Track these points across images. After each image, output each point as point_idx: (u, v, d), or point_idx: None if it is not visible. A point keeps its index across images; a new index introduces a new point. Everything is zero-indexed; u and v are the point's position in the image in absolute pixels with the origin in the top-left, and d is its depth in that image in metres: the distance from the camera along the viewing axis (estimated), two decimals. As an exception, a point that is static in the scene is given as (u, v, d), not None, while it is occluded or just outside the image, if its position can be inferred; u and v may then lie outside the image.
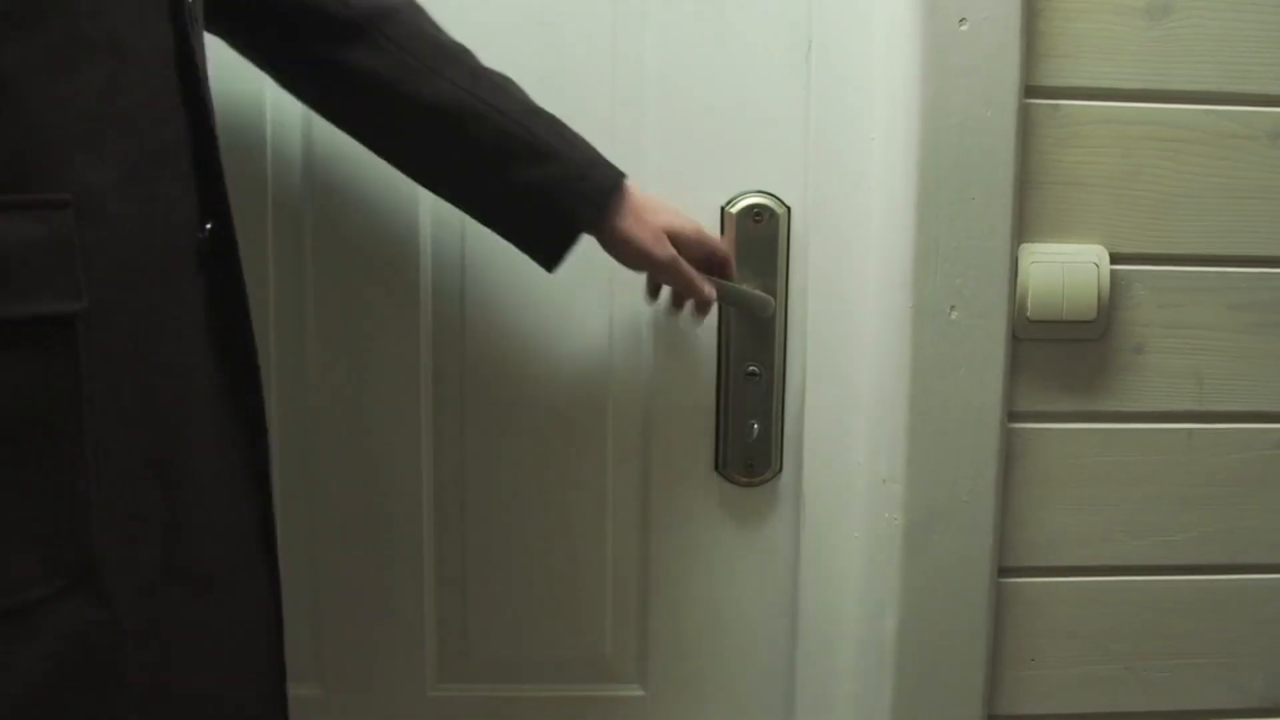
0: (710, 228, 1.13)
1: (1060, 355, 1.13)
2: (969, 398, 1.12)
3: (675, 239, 1.02)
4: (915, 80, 1.08)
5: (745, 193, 1.15)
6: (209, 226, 0.82)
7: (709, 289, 1.05)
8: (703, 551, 1.21)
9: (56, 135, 0.71)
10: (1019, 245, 1.11)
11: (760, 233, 1.14)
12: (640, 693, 1.24)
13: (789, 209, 1.15)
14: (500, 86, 0.98)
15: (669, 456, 1.19)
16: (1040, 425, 1.14)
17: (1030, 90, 1.09)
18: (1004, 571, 1.16)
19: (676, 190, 1.13)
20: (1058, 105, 1.10)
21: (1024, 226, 1.11)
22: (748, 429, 1.15)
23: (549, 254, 1.00)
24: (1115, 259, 1.12)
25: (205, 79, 0.82)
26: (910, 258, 1.10)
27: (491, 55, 1.00)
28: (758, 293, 1.13)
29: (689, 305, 1.10)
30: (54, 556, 0.71)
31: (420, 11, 0.99)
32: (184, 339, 0.80)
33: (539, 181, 0.96)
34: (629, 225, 0.99)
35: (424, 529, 1.19)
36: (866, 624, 1.18)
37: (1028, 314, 1.11)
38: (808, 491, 1.20)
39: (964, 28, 1.07)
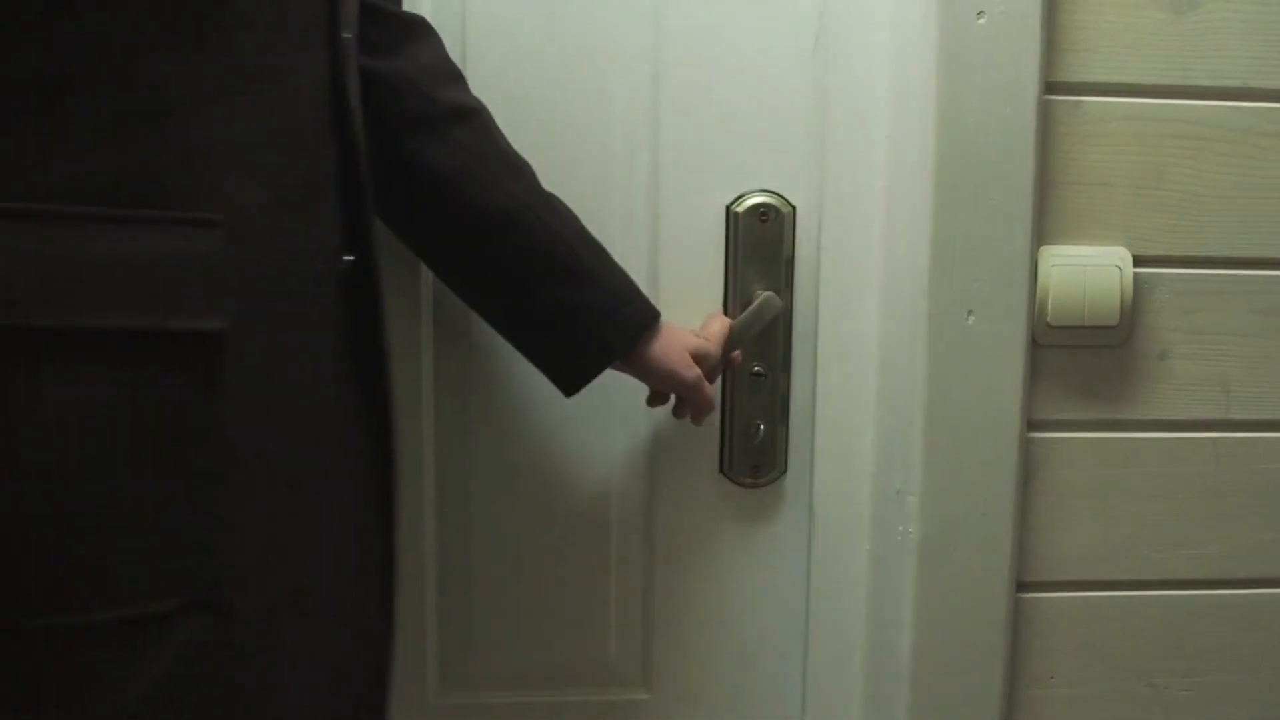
0: (717, 235, 1.12)
1: (1081, 362, 1.09)
2: (987, 406, 1.08)
3: (697, 359, 1.03)
4: (931, 76, 1.04)
5: (751, 191, 1.12)
6: (349, 258, 0.83)
7: (713, 402, 1.08)
8: (707, 553, 1.18)
9: (214, 156, 0.72)
10: (1039, 247, 1.07)
11: (766, 232, 1.11)
12: (645, 696, 1.21)
13: (794, 208, 1.12)
14: (553, 205, 0.98)
15: (674, 458, 1.16)
16: (1060, 435, 1.10)
17: (1050, 86, 1.05)
18: (1022, 586, 1.12)
19: (684, 189, 1.11)
20: (1079, 102, 1.06)
21: (1044, 228, 1.07)
22: (753, 430, 1.13)
23: (574, 378, 1.00)
24: (1138, 261, 1.08)
25: (357, 114, 0.83)
26: (926, 261, 1.05)
27: (507, 55, 1.00)
28: (763, 299, 1.11)
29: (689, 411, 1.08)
30: (185, 571, 0.71)
31: (491, 120, 0.99)
32: (319, 366, 0.80)
33: (578, 304, 0.97)
34: (660, 353, 1.00)
35: (426, 536, 1.15)
36: (880, 640, 1.14)
37: (1048, 319, 1.07)
38: (818, 504, 1.16)
39: (982, 21, 1.03)
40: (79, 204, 0.67)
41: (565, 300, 0.96)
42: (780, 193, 1.12)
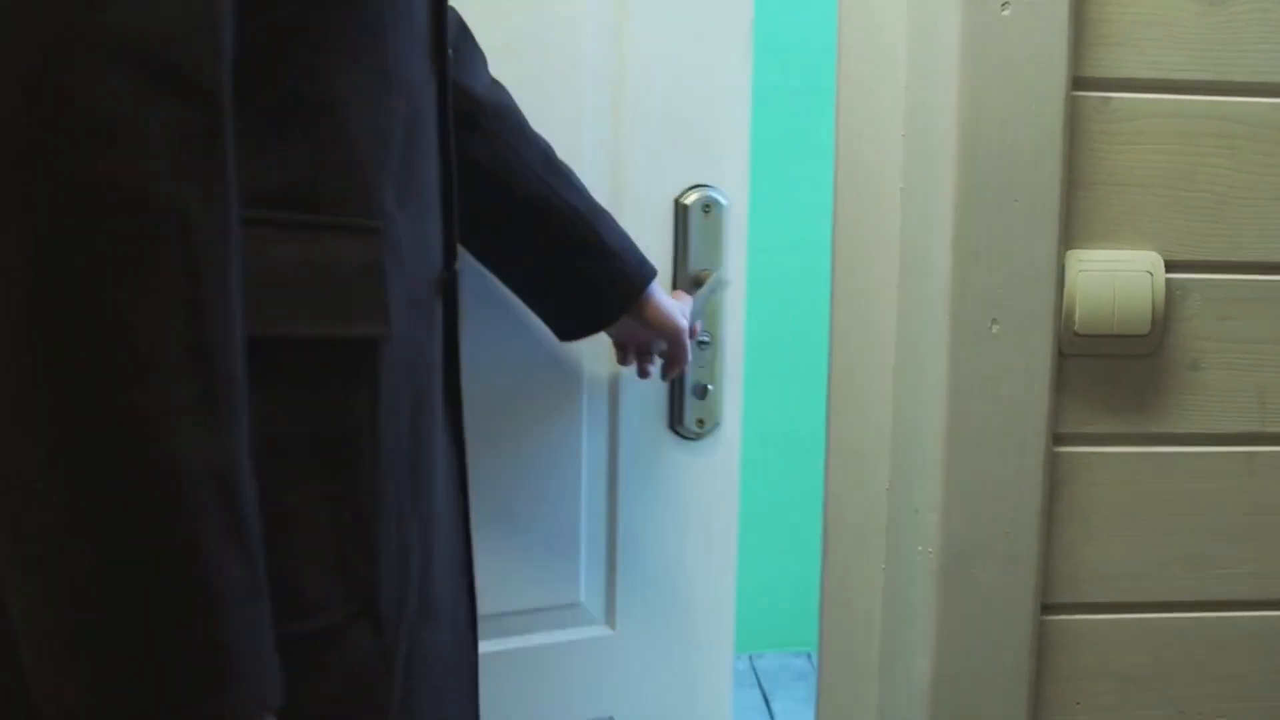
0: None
1: (1110, 372, 1.04)
2: (1010, 419, 1.02)
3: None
4: (953, 71, 0.98)
5: (696, 186, 1.27)
6: (454, 268, 0.86)
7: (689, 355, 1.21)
8: (661, 499, 1.32)
9: (366, 165, 0.74)
10: (1065, 252, 1.02)
11: (708, 222, 1.27)
12: (610, 632, 1.31)
13: (729, 202, 1.28)
14: (571, 180, 1.10)
15: (631, 417, 1.28)
16: (1088, 449, 1.05)
17: (1078, 82, 1.00)
18: (1047, 609, 1.06)
19: (640, 183, 1.24)
20: (1108, 98, 1.00)
21: (1071, 231, 1.02)
22: (699, 390, 1.29)
23: (583, 330, 1.14)
24: (1170, 266, 1.02)
25: (453, 127, 0.86)
26: (947, 267, 1.00)
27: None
28: (714, 278, 1.27)
29: (658, 367, 1.22)
30: (349, 582, 0.72)
31: (513, 100, 1.10)
32: (432, 373, 0.83)
33: (593, 271, 1.09)
34: (658, 304, 1.14)
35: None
36: (897, 666, 1.08)
37: (1075, 327, 1.02)
38: (830, 523, 1.11)
39: (1006, 13, 0.97)
40: (257, 210, 0.66)
41: (583, 269, 1.09)
42: (719, 187, 1.28)
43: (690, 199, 1.26)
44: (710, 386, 1.29)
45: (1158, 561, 1.07)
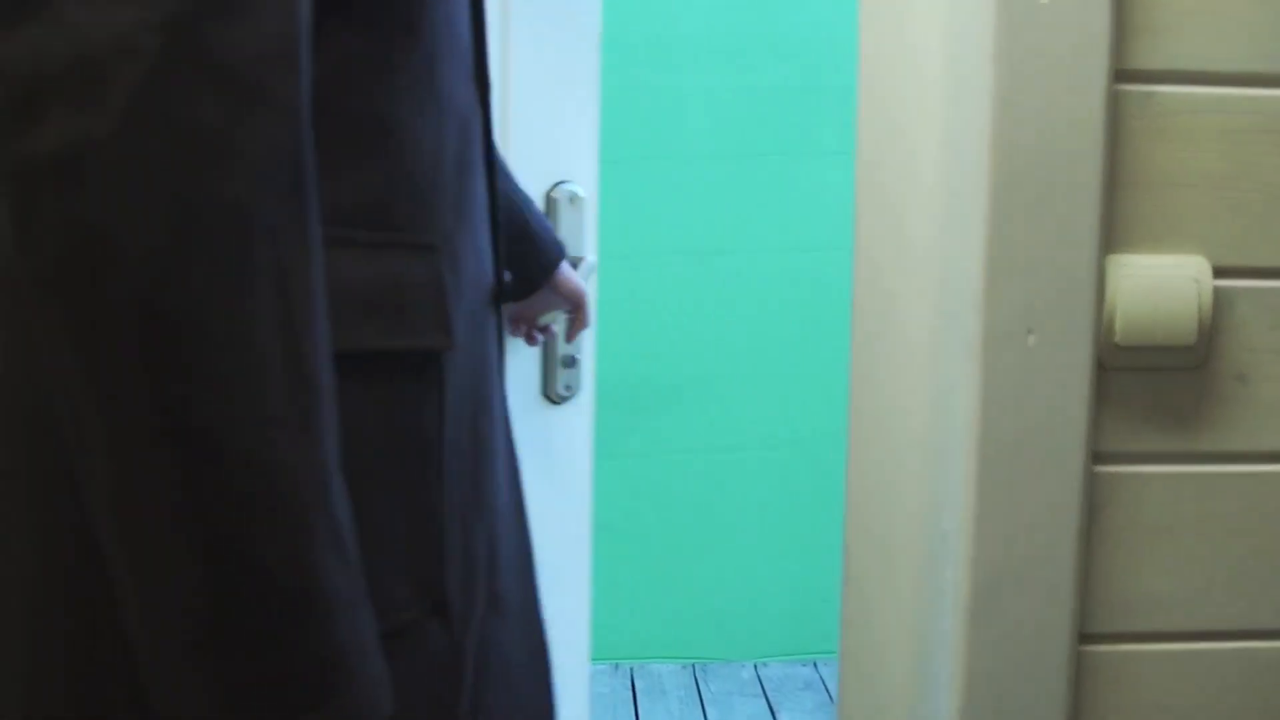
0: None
1: (1153, 386, 0.97)
2: (1046, 436, 0.95)
3: None
4: (987, 62, 0.91)
5: (560, 182, 1.40)
6: (500, 276, 0.90)
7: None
8: (538, 454, 1.41)
9: (430, 184, 0.78)
10: (1106, 257, 0.95)
11: (574, 213, 1.40)
12: None
13: (587, 196, 1.40)
14: (507, 172, 1.18)
15: (514, 387, 1.30)
16: (1129, 468, 0.98)
17: (1120, 74, 0.93)
18: (1085, 639, 1.00)
19: (523, 176, 1.30)
20: (1151, 92, 0.94)
21: (1112, 235, 0.95)
22: (567, 360, 1.43)
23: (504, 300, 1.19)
24: (1218, 272, 0.96)
25: (494, 148, 0.90)
26: (980, 274, 0.93)
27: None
28: (588, 262, 1.40)
29: (561, 329, 1.36)
30: (420, 580, 0.75)
31: None
32: (492, 380, 0.87)
33: (523, 251, 1.20)
34: (568, 274, 1.27)
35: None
36: (923, 703, 1.01)
37: (1115, 338, 0.95)
38: (851, 548, 1.04)
39: (1045, 0, 0.90)
40: (332, 229, 0.68)
41: (515, 251, 1.14)
42: (578, 182, 1.40)
43: (558, 193, 1.40)
44: (577, 357, 1.45)
45: (1203, 587, 1.00)
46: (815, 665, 3.44)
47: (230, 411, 0.59)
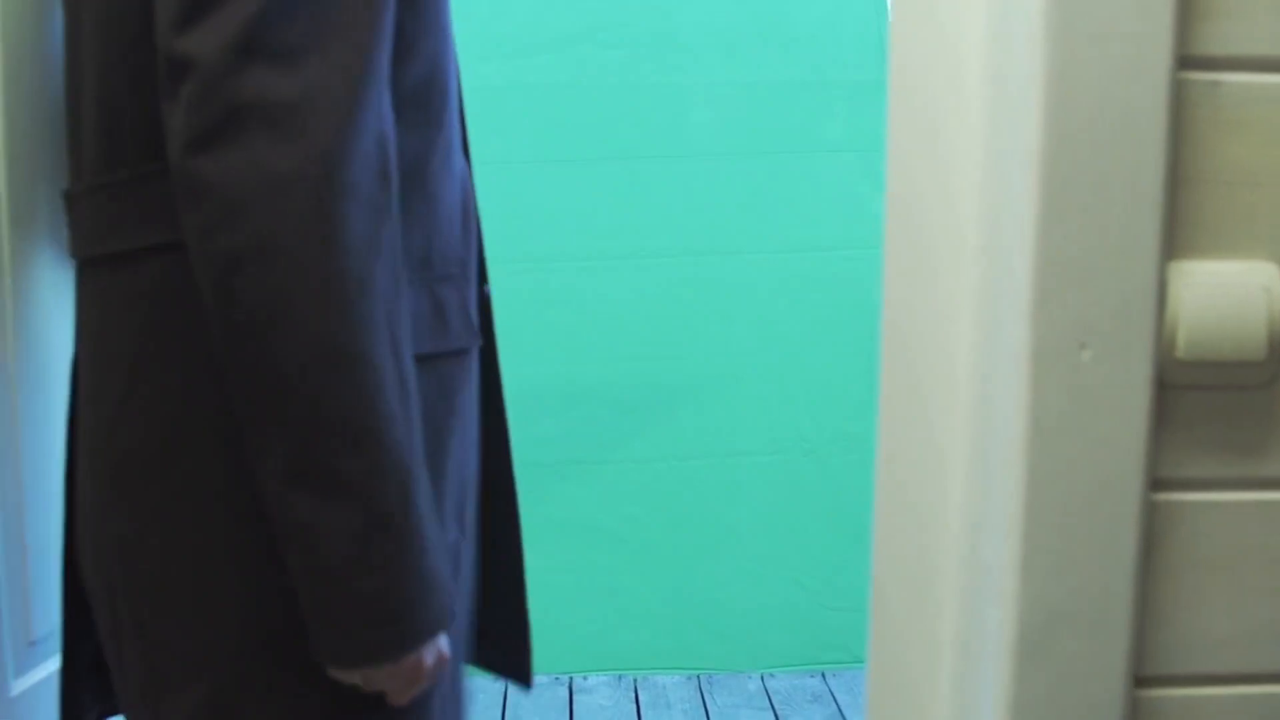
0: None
1: (1219, 405, 0.88)
2: (1102, 462, 0.87)
3: None
4: (1037, 47, 0.82)
5: None
6: (487, 287, 1.21)
7: None
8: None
9: (453, 228, 1.10)
10: (1168, 264, 0.86)
11: None
12: None
13: None
14: None
15: None
16: (1192, 495, 0.89)
17: (1184, 61, 0.84)
18: (1142, 682, 0.91)
19: None
20: (1218, 81, 0.85)
21: (1175, 239, 0.86)
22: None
23: None
24: (1290, 280, 0.87)
25: (475, 199, 1.18)
26: (1029, 282, 0.84)
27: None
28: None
29: None
30: (458, 510, 1.12)
31: None
32: (479, 366, 1.18)
33: None
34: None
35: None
36: (966, 751, 0.93)
37: (1178, 353, 0.86)
38: (880, 585, 0.95)
39: (1101, -22, 0.81)
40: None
41: None
42: None
43: None
44: None
45: (1270, 627, 0.91)
46: (824, 676, 3.36)
47: (369, 408, 0.91)
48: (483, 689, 3.31)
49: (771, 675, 3.36)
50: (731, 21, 3.40)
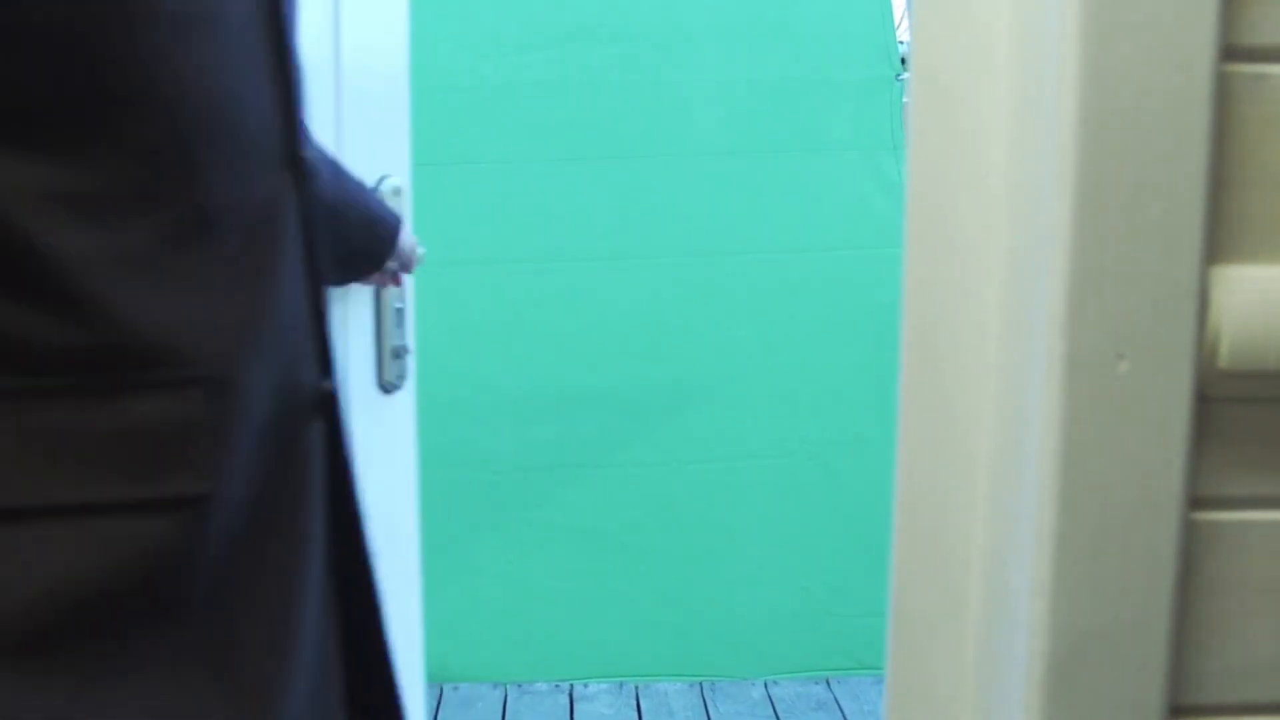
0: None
1: (1262, 420, 0.83)
2: (1139, 479, 0.82)
3: None
4: (1072, 38, 0.77)
5: (385, 176, 1.51)
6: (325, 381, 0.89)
7: None
8: (375, 441, 1.52)
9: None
10: (1210, 269, 0.81)
11: (397, 204, 1.52)
12: None
13: (405, 189, 1.54)
14: (337, 166, 1.29)
15: (352, 379, 1.47)
16: (1234, 514, 0.84)
17: (1229, 51, 0.79)
18: (1178, 711, 0.86)
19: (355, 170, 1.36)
20: (1264, 73, 0.80)
21: (1217, 243, 0.81)
22: (397, 350, 1.56)
23: (358, 278, 1.45)
24: (1339, 286, 0.82)
25: (316, 235, 0.89)
26: (1063, 289, 0.79)
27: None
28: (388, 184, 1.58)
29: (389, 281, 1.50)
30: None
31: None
32: (305, 503, 0.85)
33: (376, 236, 1.38)
34: (407, 237, 1.44)
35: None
36: (993, 786, 0.88)
37: (1220, 364, 0.81)
38: (899, 606, 0.90)
39: (1141, -37, 0.76)
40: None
41: (368, 238, 1.37)
42: (397, 177, 1.52)
43: (384, 185, 1.51)
44: (407, 346, 1.58)
45: (1316, 652, 0.86)
46: (828, 683, 3.31)
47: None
48: (482, 697, 3.26)
49: (775, 682, 3.31)
50: (734, 19, 3.36)
